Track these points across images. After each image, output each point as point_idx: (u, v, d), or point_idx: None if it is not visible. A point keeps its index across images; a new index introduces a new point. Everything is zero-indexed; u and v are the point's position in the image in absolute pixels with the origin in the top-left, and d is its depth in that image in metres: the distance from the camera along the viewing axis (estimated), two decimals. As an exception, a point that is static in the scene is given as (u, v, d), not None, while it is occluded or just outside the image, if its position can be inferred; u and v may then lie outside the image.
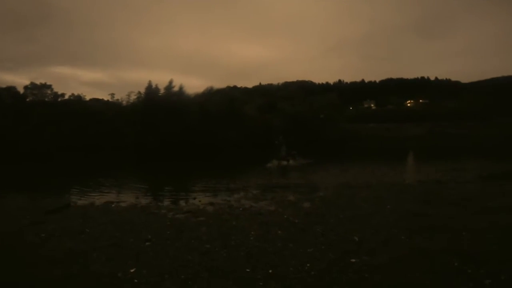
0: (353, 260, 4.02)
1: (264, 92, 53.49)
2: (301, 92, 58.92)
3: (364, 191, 9.09)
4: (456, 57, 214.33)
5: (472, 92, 69.00)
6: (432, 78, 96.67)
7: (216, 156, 24.54)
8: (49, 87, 33.84)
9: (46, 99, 33.43)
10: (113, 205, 8.43)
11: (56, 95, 34.13)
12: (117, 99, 38.19)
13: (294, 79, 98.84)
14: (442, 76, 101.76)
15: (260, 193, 9.29)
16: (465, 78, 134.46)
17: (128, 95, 36.96)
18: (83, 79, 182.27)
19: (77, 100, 35.12)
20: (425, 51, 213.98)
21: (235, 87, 54.14)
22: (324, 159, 18.86)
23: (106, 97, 43.03)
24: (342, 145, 33.59)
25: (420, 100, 74.69)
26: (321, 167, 15.53)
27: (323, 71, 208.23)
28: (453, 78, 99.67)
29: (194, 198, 8.78)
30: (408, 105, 75.44)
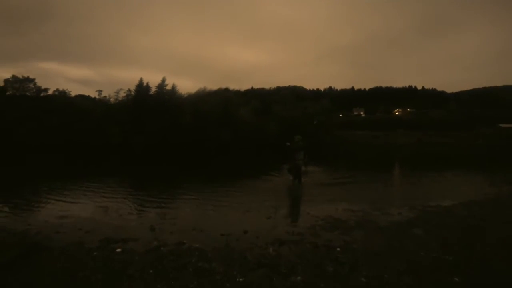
0: None
1: (256, 96, 51.87)
2: (293, 97, 57.94)
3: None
4: (442, 67, 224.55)
5: (457, 102, 71.81)
6: (419, 87, 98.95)
7: (213, 161, 22.11)
8: (32, 81, 30.86)
9: (28, 94, 30.35)
10: (117, 248, 4.70)
11: (39, 89, 31.01)
12: (105, 96, 35.17)
13: (286, 84, 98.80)
14: (428, 85, 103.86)
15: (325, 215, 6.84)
16: (450, 88, 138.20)
17: (117, 92, 34.09)
18: (70, 76, 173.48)
19: (61, 95, 31.86)
20: (412, 60, 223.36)
21: (227, 89, 52.07)
22: (344, 169, 16.92)
23: (93, 94, 39.57)
24: (336, 152, 32.16)
25: (408, 109, 76.41)
26: (355, 180, 12.94)
27: (315, 77, 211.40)
28: (439, 88, 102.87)
29: (245, 232, 5.44)
30: (397, 113, 76.94)
